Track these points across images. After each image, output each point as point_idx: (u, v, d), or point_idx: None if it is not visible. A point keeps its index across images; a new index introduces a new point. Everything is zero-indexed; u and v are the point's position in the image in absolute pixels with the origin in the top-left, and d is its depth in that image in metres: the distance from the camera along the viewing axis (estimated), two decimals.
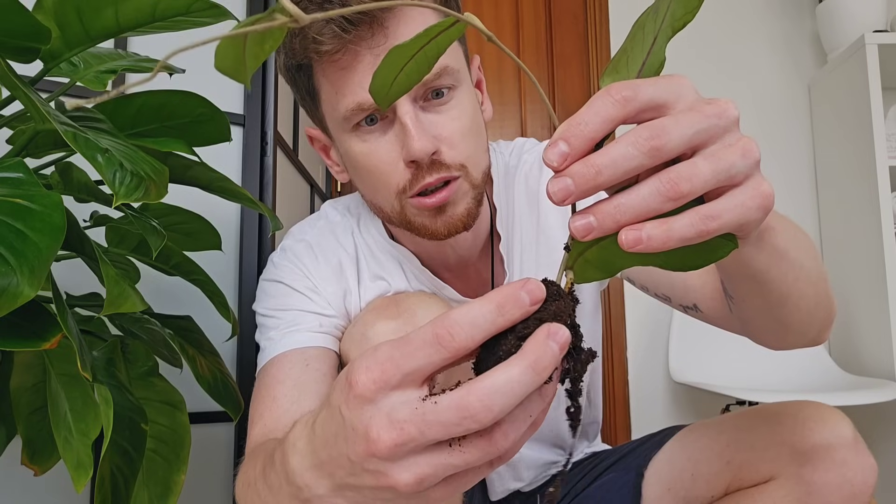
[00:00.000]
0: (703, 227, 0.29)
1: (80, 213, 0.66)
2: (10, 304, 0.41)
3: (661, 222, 0.28)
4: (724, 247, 0.32)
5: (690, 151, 0.30)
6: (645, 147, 0.28)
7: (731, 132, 0.30)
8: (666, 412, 1.87)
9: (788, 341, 0.55)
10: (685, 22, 0.33)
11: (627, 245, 0.28)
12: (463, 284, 0.75)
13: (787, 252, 0.44)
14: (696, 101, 0.30)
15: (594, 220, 0.29)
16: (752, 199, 0.30)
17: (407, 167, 0.61)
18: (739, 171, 0.29)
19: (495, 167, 0.75)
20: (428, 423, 0.27)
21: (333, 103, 0.62)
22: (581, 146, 0.29)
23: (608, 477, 0.78)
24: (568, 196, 0.29)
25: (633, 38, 0.33)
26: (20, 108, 0.62)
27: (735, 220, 0.29)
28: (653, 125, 0.29)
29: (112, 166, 0.48)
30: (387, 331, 0.63)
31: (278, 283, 0.71)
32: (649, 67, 0.33)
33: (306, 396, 0.61)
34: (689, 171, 0.28)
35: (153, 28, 0.60)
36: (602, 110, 0.29)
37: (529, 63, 2.02)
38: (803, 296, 0.49)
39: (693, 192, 0.28)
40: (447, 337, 0.27)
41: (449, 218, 0.63)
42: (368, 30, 0.57)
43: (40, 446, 0.65)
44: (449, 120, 0.61)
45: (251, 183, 1.03)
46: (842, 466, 0.59)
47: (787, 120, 1.99)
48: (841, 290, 1.82)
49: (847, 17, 1.79)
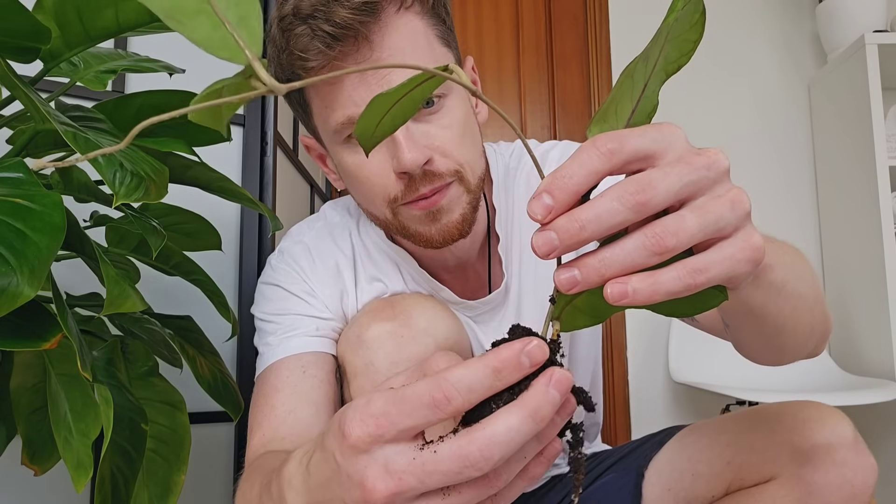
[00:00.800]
0: (691, 281, 0.28)
1: (80, 213, 0.66)
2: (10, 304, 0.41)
3: (648, 275, 0.28)
4: (713, 297, 0.32)
5: (679, 203, 0.29)
6: (630, 202, 0.28)
7: (721, 183, 0.30)
8: (666, 412, 1.87)
9: (783, 361, 0.55)
10: (679, 65, 0.33)
11: (613, 299, 0.28)
12: (461, 286, 0.75)
13: (784, 286, 0.43)
14: (685, 152, 0.30)
15: (579, 274, 0.29)
16: (741, 251, 0.29)
17: (399, 178, 0.60)
18: (728, 224, 0.29)
19: (495, 168, 0.75)
20: (428, 473, 0.27)
21: (324, 117, 0.61)
22: (565, 199, 0.28)
23: (608, 477, 0.78)
24: (552, 251, 0.28)
25: (622, 86, 0.32)
26: (20, 108, 0.62)
27: (723, 273, 0.29)
28: (639, 179, 0.28)
29: (112, 166, 0.48)
30: (382, 333, 0.63)
31: (276, 286, 0.71)
32: (640, 112, 0.32)
33: (303, 406, 0.62)
34: (676, 226, 0.28)
35: (153, 28, 0.60)
36: (587, 163, 0.28)
37: (529, 63, 2.02)
38: (799, 323, 0.49)
39: (679, 247, 0.28)
40: (444, 401, 0.27)
41: (444, 226, 0.63)
42: (353, 45, 0.56)
43: (40, 446, 0.65)
44: (440, 129, 0.61)
45: (251, 183, 1.03)
46: (842, 466, 0.59)
47: (787, 120, 1.99)
48: (841, 290, 1.82)
49: (847, 17, 1.79)
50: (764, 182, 1.96)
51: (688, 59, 0.33)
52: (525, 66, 2.01)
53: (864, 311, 1.70)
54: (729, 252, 0.29)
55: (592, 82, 1.98)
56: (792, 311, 0.46)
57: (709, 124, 1.95)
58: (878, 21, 1.77)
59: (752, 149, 1.97)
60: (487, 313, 0.74)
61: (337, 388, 0.67)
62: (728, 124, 1.97)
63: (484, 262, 0.75)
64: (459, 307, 0.73)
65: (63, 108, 0.60)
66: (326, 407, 0.64)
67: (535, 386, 0.27)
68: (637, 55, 0.32)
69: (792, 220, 1.95)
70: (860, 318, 1.72)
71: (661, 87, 0.33)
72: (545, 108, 2.01)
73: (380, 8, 0.56)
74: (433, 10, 0.61)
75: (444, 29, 0.63)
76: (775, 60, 2.01)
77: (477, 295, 0.74)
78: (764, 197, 1.95)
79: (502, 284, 0.73)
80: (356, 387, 0.64)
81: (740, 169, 1.96)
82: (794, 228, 1.94)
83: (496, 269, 0.75)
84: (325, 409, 0.64)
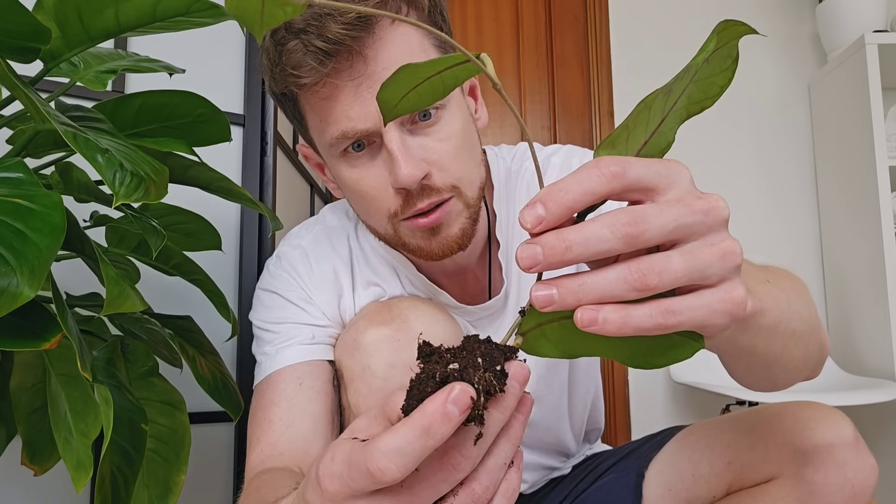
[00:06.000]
0: (662, 321, 0.28)
1: (80, 213, 0.66)
2: (10, 304, 0.41)
3: (621, 307, 0.28)
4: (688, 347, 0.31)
5: (670, 243, 0.29)
6: (620, 232, 0.27)
7: (717, 231, 0.29)
8: (666, 412, 1.87)
9: (776, 389, 0.55)
10: (703, 107, 0.32)
11: (581, 324, 0.28)
12: (460, 291, 0.74)
13: (776, 328, 0.42)
14: (687, 193, 0.29)
15: (556, 293, 0.28)
16: (720, 302, 0.29)
17: (397, 193, 0.60)
18: (715, 273, 0.29)
19: (496, 173, 0.74)
20: None
21: (320, 130, 0.61)
22: (558, 212, 0.28)
23: (609, 478, 0.77)
24: (535, 265, 0.28)
25: (637, 116, 0.31)
26: (20, 108, 0.62)
27: (696, 320, 0.29)
28: (634, 211, 0.28)
29: (112, 166, 0.48)
30: (379, 336, 0.62)
31: (273, 293, 0.71)
32: (653, 146, 0.31)
33: (300, 419, 0.63)
34: (661, 265, 0.28)
35: (153, 28, 0.60)
36: (585, 181, 0.28)
37: (529, 63, 2.02)
38: (791, 358, 0.48)
39: (661, 287, 0.28)
40: (378, 472, 0.26)
41: (443, 239, 0.62)
42: (347, 60, 0.56)
43: (40, 446, 0.65)
44: (437, 142, 0.60)
45: (251, 183, 1.03)
46: (842, 466, 0.59)
47: (787, 120, 1.99)
48: (841, 290, 1.82)
49: (847, 17, 1.79)
50: (764, 182, 1.96)
51: (713, 102, 0.31)
52: (525, 66, 2.01)
53: (864, 311, 1.69)
54: (707, 301, 0.29)
55: (592, 82, 1.98)
56: (783, 349, 0.45)
57: (709, 124, 1.95)
58: (878, 21, 1.77)
59: (752, 149, 1.97)
60: (486, 318, 0.74)
61: (334, 395, 0.67)
62: (728, 124, 1.97)
63: (484, 267, 0.74)
64: (458, 312, 0.73)
65: (63, 108, 0.60)
66: (324, 418, 0.64)
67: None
68: (659, 87, 0.31)
69: (792, 220, 1.95)
70: (860, 319, 1.72)
71: (679, 126, 0.32)
72: (545, 108, 2.01)
73: (374, 21, 0.55)
74: (429, 18, 0.61)
75: None
76: (775, 60, 2.01)
77: (476, 300, 0.74)
78: (764, 197, 1.95)
79: (502, 291, 0.72)
80: (353, 391, 0.64)
81: (740, 169, 1.96)
82: (794, 229, 1.94)
83: (496, 275, 0.74)
84: (323, 420, 0.64)
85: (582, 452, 0.89)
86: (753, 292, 0.38)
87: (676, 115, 0.31)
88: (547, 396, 0.77)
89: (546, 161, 0.76)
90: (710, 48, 0.30)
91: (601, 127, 1.96)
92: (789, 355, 0.47)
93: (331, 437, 0.65)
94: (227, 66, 1.04)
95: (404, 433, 0.26)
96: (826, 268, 1.91)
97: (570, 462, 0.87)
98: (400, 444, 0.26)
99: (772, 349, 0.44)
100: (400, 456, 0.26)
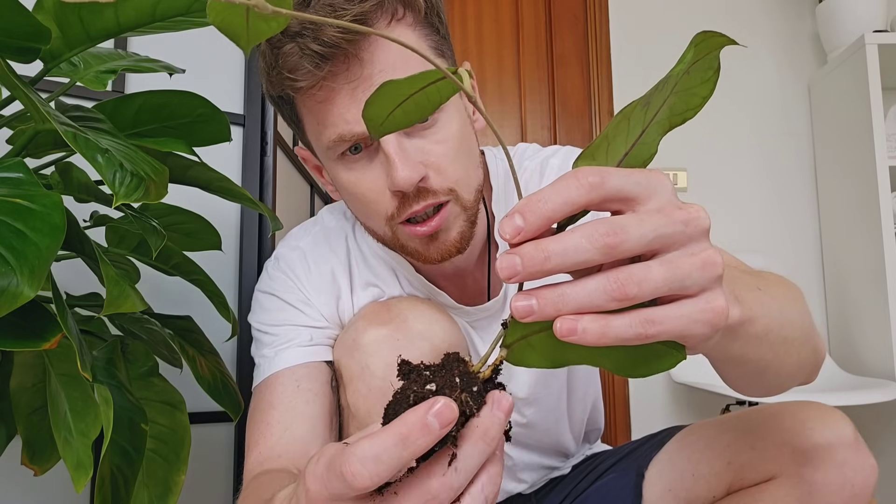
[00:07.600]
0: (642, 331, 0.28)
1: (80, 213, 0.66)
2: (10, 304, 0.41)
3: (600, 317, 0.28)
4: (670, 357, 0.31)
5: (650, 253, 0.29)
6: (599, 243, 0.27)
7: (697, 242, 0.29)
8: (666, 412, 1.87)
9: (770, 395, 0.55)
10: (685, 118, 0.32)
11: (560, 334, 0.28)
12: (459, 292, 0.74)
13: (766, 335, 0.42)
14: (667, 203, 0.29)
15: (536, 304, 0.28)
16: (700, 312, 0.29)
17: (394, 195, 0.60)
18: (695, 283, 0.29)
19: (494, 174, 0.74)
20: None
21: (317, 133, 0.61)
22: (536, 223, 0.28)
23: (609, 478, 0.78)
24: (514, 276, 0.28)
25: (617, 126, 0.31)
26: (20, 108, 0.62)
27: (676, 330, 0.28)
28: (613, 221, 0.28)
29: (112, 166, 0.48)
30: (378, 336, 0.62)
31: (271, 295, 0.71)
32: (635, 157, 0.31)
33: (298, 422, 0.63)
34: (641, 275, 0.28)
35: (153, 28, 0.60)
36: (564, 191, 0.28)
37: (529, 63, 2.02)
38: (784, 364, 0.48)
39: (640, 297, 0.28)
40: (350, 476, 0.26)
41: (442, 244, 0.62)
42: (343, 63, 0.55)
43: (40, 446, 0.65)
44: (434, 144, 0.59)
45: (251, 183, 1.03)
46: (842, 466, 0.59)
47: (787, 120, 1.99)
48: (841, 290, 1.82)
49: (847, 17, 1.79)
50: (764, 182, 1.96)
51: (694, 113, 0.31)
52: (525, 66, 2.01)
53: (865, 311, 1.70)
54: (688, 311, 0.29)
55: (592, 82, 1.98)
56: (775, 356, 0.45)
57: (709, 124, 1.95)
58: (878, 21, 1.77)
59: (752, 149, 1.97)
60: (485, 319, 0.74)
61: (333, 397, 0.67)
62: (728, 124, 1.97)
63: (483, 268, 0.74)
64: (457, 312, 0.73)
65: (63, 108, 0.60)
66: (322, 420, 0.64)
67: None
68: (636, 98, 0.30)
69: (792, 219, 1.95)
70: (860, 319, 1.72)
71: (661, 138, 0.31)
72: (545, 108, 2.01)
73: (369, 23, 0.55)
74: (426, 19, 0.60)
75: (437, 38, 0.62)
76: (775, 60, 2.01)
77: (475, 301, 0.74)
78: (764, 197, 1.95)
79: (501, 292, 0.72)
80: (352, 391, 0.64)
81: (740, 169, 1.96)
82: (794, 229, 1.95)
83: (495, 277, 0.74)
84: (321, 422, 0.64)
85: (582, 452, 0.89)
86: (743, 300, 0.38)
87: (658, 127, 0.31)
88: (545, 398, 0.77)
89: (545, 162, 0.76)
90: (688, 59, 0.29)
91: (601, 127, 1.96)
92: (782, 362, 0.47)
93: (329, 439, 0.65)
94: (227, 66, 1.04)
95: (382, 440, 0.26)
96: (826, 268, 1.91)
97: (569, 462, 0.87)
98: (377, 450, 0.26)
99: (763, 356, 0.44)
100: (375, 462, 0.26)
